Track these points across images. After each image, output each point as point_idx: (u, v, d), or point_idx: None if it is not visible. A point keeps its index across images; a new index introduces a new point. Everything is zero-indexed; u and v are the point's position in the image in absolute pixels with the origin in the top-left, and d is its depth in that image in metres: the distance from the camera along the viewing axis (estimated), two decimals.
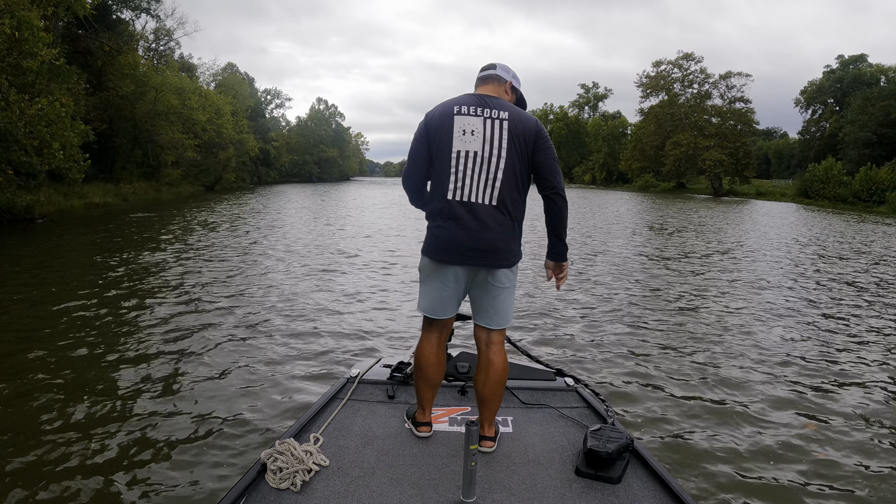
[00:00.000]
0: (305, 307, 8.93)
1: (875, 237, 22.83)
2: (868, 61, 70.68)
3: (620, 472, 2.71)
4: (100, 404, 5.27)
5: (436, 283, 3.04)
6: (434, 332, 3.15)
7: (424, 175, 3.11)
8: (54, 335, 7.17)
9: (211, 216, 25.29)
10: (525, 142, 2.95)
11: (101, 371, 6.14)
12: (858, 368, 6.66)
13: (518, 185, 2.97)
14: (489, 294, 3.03)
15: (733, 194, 69.38)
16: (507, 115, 2.96)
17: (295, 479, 2.60)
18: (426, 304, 3.10)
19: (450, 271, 2.99)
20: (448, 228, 2.93)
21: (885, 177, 46.80)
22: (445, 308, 3.08)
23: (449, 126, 2.96)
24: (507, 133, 2.93)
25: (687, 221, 28.54)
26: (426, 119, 3.05)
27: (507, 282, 3.03)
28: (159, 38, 46.28)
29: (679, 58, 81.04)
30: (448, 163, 2.94)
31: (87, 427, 4.83)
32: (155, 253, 14.00)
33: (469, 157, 2.92)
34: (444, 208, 2.95)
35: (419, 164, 3.09)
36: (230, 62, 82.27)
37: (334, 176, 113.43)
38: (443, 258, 2.97)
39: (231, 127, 52.73)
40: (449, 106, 3.01)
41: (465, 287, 3.05)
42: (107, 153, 34.96)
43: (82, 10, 24.20)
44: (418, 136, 3.07)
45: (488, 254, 2.92)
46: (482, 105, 2.97)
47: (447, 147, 2.95)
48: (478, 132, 2.93)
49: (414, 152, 3.10)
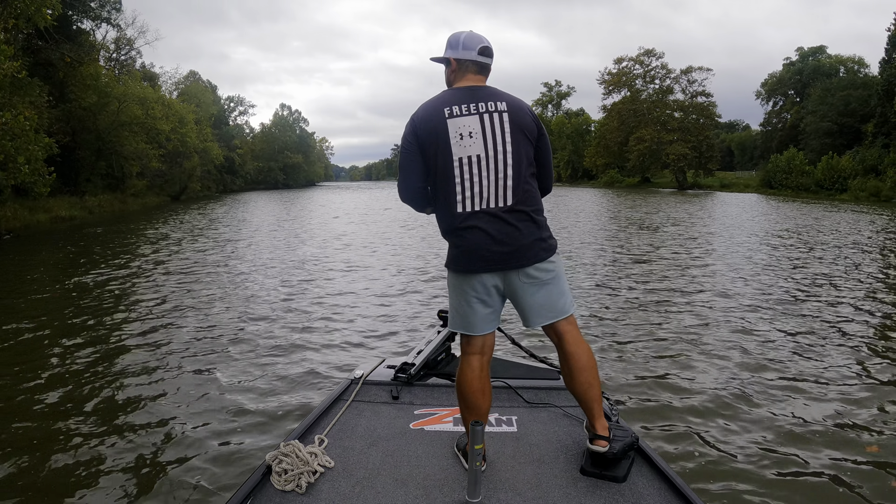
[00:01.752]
0: (305, 312, 8.94)
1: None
2: (827, 52, 72.10)
3: (626, 471, 2.69)
4: (102, 411, 5.33)
5: (466, 295, 2.76)
6: (474, 353, 2.82)
7: (422, 185, 2.81)
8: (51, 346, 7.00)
9: (180, 227, 24.85)
10: (528, 134, 2.73)
11: (103, 378, 6.17)
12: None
13: (530, 175, 2.75)
14: (532, 293, 2.74)
15: (697, 187, 70.29)
16: (504, 107, 2.70)
17: (300, 480, 2.59)
18: (460, 321, 2.82)
19: (479, 280, 2.71)
20: (468, 240, 2.68)
21: (847, 165, 47.76)
22: (482, 323, 2.78)
23: (443, 131, 2.66)
24: (508, 125, 2.68)
25: (666, 215, 28.69)
26: (413, 125, 2.74)
27: (548, 274, 2.75)
28: (120, 48, 45.50)
29: (640, 54, 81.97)
30: (451, 173, 2.67)
31: (90, 433, 4.89)
32: (142, 262, 13.69)
33: (473, 163, 2.65)
34: (457, 223, 2.70)
35: (413, 175, 2.79)
36: (192, 70, 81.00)
37: (300, 182, 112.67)
38: (469, 269, 2.71)
39: (195, 136, 52.24)
40: (438, 109, 2.70)
41: (500, 295, 2.78)
42: (71, 166, 34.26)
43: (43, 22, 23.65)
44: (408, 145, 2.76)
45: (517, 255, 2.67)
46: (475, 100, 2.69)
47: (446, 156, 2.67)
48: (476, 133, 2.66)
49: (405, 164, 2.79)
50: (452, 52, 2.82)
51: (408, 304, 9.48)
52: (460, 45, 2.80)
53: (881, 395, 5.56)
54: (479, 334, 2.81)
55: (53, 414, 5.25)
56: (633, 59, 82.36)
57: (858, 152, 49.25)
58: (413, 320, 8.32)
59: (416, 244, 17.46)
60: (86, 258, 15.32)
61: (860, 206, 35.45)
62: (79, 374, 6.27)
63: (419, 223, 22.83)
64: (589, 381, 2.79)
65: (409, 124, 2.77)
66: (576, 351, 2.80)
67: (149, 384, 5.98)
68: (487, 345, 2.85)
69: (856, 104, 55.94)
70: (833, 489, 4.01)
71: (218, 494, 3.94)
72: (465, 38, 2.81)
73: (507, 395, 3.57)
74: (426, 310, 8.91)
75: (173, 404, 5.46)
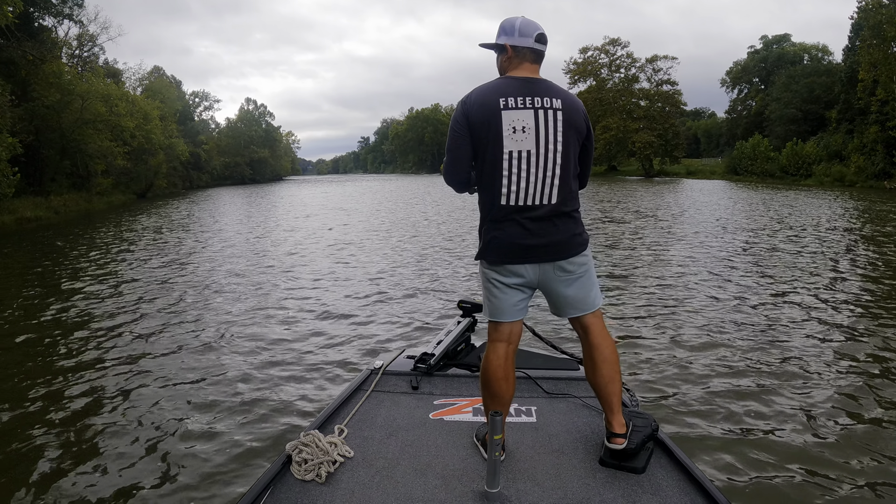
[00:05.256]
0: (323, 305, 9.13)
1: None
2: (791, 40, 73.29)
3: (644, 463, 2.70)
4: (125, 402, 5.52)
5: (497, 284, 2.76)
6: (501, 340, 2.80)
7: (468, 169, 2.79)
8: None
9: (152, 223, 24.49)
10: (579, 135, 2.72)
11: (126, 371, 6.36)
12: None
13: (574, 175, 2.74)
14: (563, 286, 2.76)
15: (664, 174, 71.23)
16: (560, 104, 2.65)
17: (320, 470, 2.61)
18: (489, 308, 2.83)
19: (512, 270, 2.72)
20: (505, 232, 2.68)
21: (811, 151, 48.71)
22: (511, 310, 2.78)
23: (496, 122, 2.60)
24: (561, 125, 2.63)
25: (647, 203, 28.88)
26: (465, 110, 2.67)
27: (581, 268, 2.77)
28: (83, 45, 44.48)
29: (605, 43, 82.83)
30: (500, 165, 2.63)
31: (113, 424, 5.05)
32: (151, 256, 13.33)
33: (522, 158, 2.61)
34: (499, 214, 2.68)
35: (463, 161, 2.75)
36: (157, 66, 79.62)
37: (267, 177, 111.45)
38: (502, 260, 2.71)
39: (160, 132, 51.48)
40: (493, 98, 2.63)
41: (531, 285, 2.78)
42: (35, 165, 33.50)
43: (4, 20, 23.14)
44: (459, 129, 2.70)
45: (552, 250, 2.68)
46: (531, 93, 2.63)
47: (497, 147, 2.62)
48: (529, 128, 2.60)
49: (455, 149, 2.74)
50: (508, 38, 2.73)
51: (426, 296, 9.66)
52: (516, 32, 2.71)
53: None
54: (508, 321, 2.80)
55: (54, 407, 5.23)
56: (599, 48, 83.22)
57: (823, 138, 50.28)
58: (431, 314, 8.43)
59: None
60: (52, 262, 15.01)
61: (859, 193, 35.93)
62: (97, 367, 6.15)
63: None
64: (611, 374, 2.80)
65: (460, 107, 2.72)
66: (601, 343, 2.82)
67: (163, 377, 6.13)
68: (514, 333, 2.85)
69: (820, 91, 57.03)
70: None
71: (239, 484, 4.00)
72: (520, 23, 2.72)
73: (527, 386, 3.58)
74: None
75: (191, 396, 5.59)
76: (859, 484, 3.99)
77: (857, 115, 45.42)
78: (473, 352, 4.06)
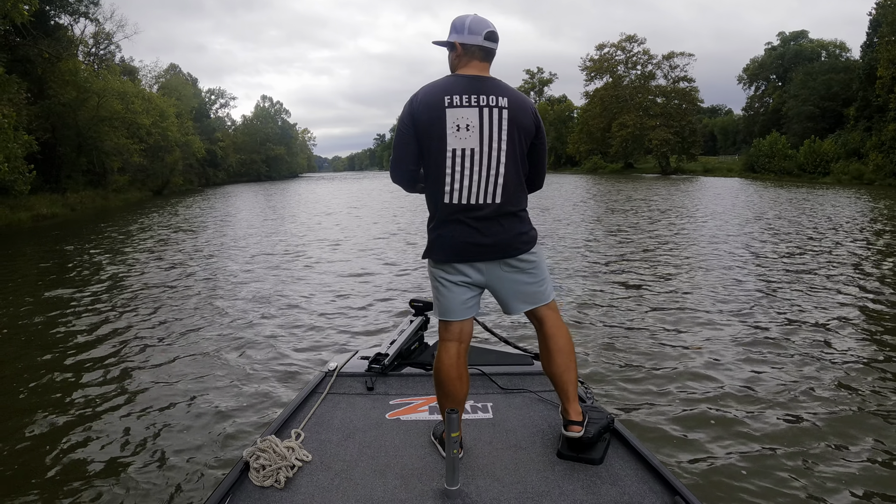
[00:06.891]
0: (276, 307, 9.05)
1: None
2: (809, 37, 72.55)
3: (602, 453, 2.72)
4: (77, 411, 5.37)
5: (445, 282, 2.75)
6: (451, 339, 2.80)
7: (414, 168, 2.77)
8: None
9: (171, 221, 24.64)
10: (526, 134, 2.70)
11: (73, 379, 6.22)
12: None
13: (520, 175, 2.72)
14: (512, 283, 2.77)
15: (681, 172, 70.76)
16: (506, 103, 2.63)
17: (278, 475, 2.60)
18: (438, 307, 2.82)
19: (458, 269, 2.72)
20: (450, 231, 2.67)
21: (829, 149, 48.10)
22: (459, 308, 2.77)
23: (440, 120, 2.60)
24: (506, 123, 2.62)
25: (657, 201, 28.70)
26: (411, 108, 2.67)
27: (529, 265, 2.77)
28: (99, 43, 44.81)
29: (622, 40, 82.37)
30: (443, 163, 2.63)
31: (66, 432, 4.93)
32: (126, 257, 13.47)
33: (466, 156, 2.61)
34: (444, 213, 2.68)
35: (406, 159, 2.75)
36: (173, 63, 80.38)
37: (283, 174, 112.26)
38: (448, 259, 2.71)
39: (176, 129, 51.98)
40: (438, 96, 2.62)
41: (479, 283, 2.77)
42: (51, 163, 33.87)
43: (20, 18, 23.31)
44: (404, 128, 2.70)
45: (498, 249, 2.68)
46: (476, 91, 2.62)
47: (441, 145, 2.62)
48: (473, 126, 2.59)
49: (400, 146, 2.75)
50: (458, 36, 2.71)
51: (378, 298, 9.59)
52: (466, 30, 2.70)
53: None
54: (458, 319, 2.79)
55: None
56: (615, 45, 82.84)
57: (840, 136, 49.65)
58: (383, 314, 8.44)
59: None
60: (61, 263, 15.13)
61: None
62: (44, 378, 6.19)
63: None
64: (566, 363, 2.82)
65: (407, 105, 2.71)
66: (556, 333, 2.84)
67: (118, 386, 5.98)
68: (465, 332, 2.83)
69: (837, 88, 56.38)
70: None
71: (197, 493, 3.94)
72: (470, 21, 2.71)
73: (482, 382, 3.59)
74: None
75: (144, 406, 5.44)
76: (811, 465, 4.16)
77: (876, 113, 44.75)
78: (427, 350, 4.08)
